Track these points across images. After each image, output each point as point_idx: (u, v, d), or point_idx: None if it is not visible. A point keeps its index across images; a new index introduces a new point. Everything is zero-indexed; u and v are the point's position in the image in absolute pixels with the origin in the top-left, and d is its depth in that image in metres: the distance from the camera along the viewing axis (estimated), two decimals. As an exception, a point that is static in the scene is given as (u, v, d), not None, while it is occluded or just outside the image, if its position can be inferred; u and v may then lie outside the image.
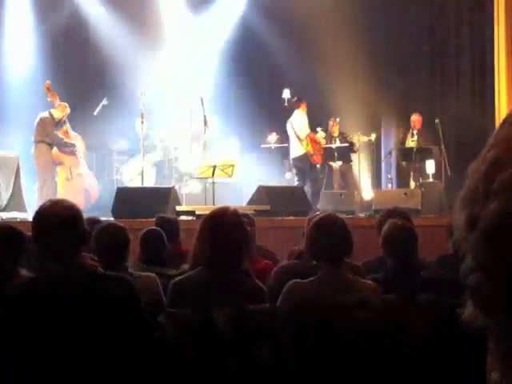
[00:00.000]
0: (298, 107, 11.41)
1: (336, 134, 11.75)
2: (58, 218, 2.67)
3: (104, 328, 2.70)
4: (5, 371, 2.65)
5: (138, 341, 2.81)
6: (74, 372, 2.64)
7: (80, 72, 12.38)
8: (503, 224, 0.64)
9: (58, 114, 9.87)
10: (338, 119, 11.85)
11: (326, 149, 11.40)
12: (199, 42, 12.94)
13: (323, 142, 11.52)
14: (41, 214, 2.74)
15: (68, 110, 10.02)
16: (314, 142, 11.34)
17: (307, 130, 11.33)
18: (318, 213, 4.51)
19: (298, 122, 11.35)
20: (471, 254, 0.67)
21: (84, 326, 2.67)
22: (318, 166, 11.52)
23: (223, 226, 2.98)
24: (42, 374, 2.63)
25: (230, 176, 10.29)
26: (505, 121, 0.70)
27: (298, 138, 11.23)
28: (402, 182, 11.53)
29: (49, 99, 9.98)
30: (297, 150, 11.30)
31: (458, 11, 12.66)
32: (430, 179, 10.73)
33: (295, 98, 11.52)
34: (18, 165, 9.27)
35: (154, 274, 3.91)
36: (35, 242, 2.74)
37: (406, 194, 10.04)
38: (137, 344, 2.80)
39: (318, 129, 11.53)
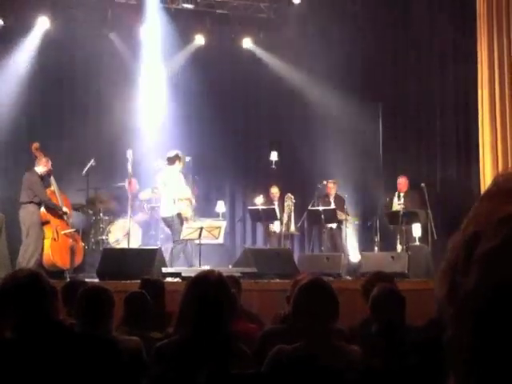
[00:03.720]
0: (173, 163, 10.55)
1: (333, 195, 11.80)
2: (19, 280, 2.79)
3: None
4: None
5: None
6: None
7: (69, 132, 12.44)
8: (479, 299, 0.64)
9: (41, 169, 9.90)
10: (334, 180, 11.92)
11: (312, 211, 11.42)
12: (186, 101, 13.08)
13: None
14: (6, 280, 2.88)
15: (50, 164, 10.03)
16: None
17: (185, 191, 10.60)
18: (303, 275, 4.50)
19: (178, 180, 10.54)
20: (451, 327, 0.68)
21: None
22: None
23: (208, 289, 2.96)
24: None
25: (217, 238, 10.27)
26: (484, 195, 0.72)
27: (172, 198, 10.38)
28: (389, 245, 11.54)
29: (36, 160, 9.98)
30: (169, 209, 10.41)
31: (442, 79, 12.90)
32: (417, 243, 10.75)
33: (174, 154, 10.59)
34: (3, 225, 9.22)
35: (137, 338, 3.86)
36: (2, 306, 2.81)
37: (392, 257, 10.04)
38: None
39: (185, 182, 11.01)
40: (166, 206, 10.45)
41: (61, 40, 12.45)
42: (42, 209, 9.76)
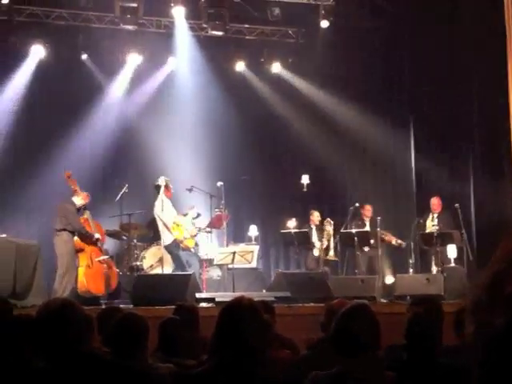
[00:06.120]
0: (159, 191, 10.88)
1: (369, 218, 11.69)
2: (52, 310, 2.84)
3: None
4: None
5: None
6: None
7: (102, 158, 12.56)
8: (509, 340, 0.64)
9: (79, 201, 9.96)
10: (370, 205, 11.82)
11: (344, 234, 11.33)
12: (217, 127, 13.13)
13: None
14: (40, 310, 2.92)
15: (89, 199, 10.11)
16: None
17: (173, 216, 10.95)
18: (335, 301, 4.46)
19: (164, 208, 10.85)
20: (479, 365, 0.67)
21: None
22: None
23: (237, 316, 2.93)
24: None
25: (250, 262, 10.27)
26: (511, 233, 0.71)
27: (165, 225, 10.81)
28: (424, 266, 11.40)
29: (70, 188, 10.07)
30: (166, 237, 10.84)
31: (473, 99, 12.79)
32: (452, 264, 10.61)
33: (160, 180, 10.89)
34: (39, 253, 9.29)
35: (171, 365, 3.85)
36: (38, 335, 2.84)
37: (428, 279, 9.92)
38: None
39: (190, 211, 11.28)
40: (165, 235, 10.77)
41: (92, 68, 12.67)
42: (76, 237, 9.83)
